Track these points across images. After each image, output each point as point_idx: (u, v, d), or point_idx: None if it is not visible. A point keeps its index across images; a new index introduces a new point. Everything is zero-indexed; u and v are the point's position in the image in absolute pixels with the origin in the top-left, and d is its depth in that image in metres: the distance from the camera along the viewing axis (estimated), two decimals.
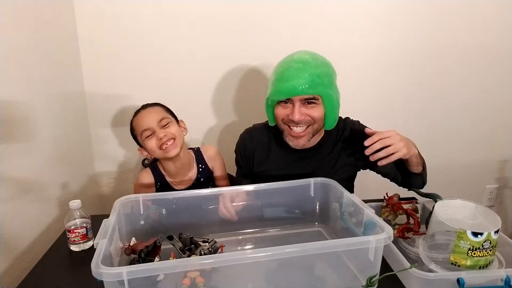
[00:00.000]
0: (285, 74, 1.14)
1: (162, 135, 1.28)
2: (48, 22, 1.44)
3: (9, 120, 1.15)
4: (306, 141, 1.23)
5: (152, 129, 1.29)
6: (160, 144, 1.28)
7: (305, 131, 1.20)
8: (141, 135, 1.31)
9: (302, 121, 1.17)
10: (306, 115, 1.17)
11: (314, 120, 1.19)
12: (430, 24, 1.88)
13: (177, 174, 1.40)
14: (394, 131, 1.09)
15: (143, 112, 1.34)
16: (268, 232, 1.19)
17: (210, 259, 0.83)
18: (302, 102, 1.16)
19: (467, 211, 0.97)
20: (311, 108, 1.17)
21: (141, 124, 1.31)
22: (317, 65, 1.15)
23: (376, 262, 0.86)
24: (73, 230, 1.08)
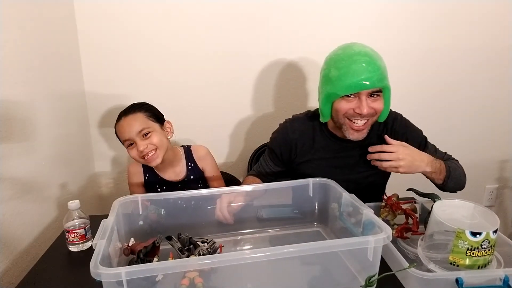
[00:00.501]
0: (353, 69, 1.13)
1: (143, 148, 1.27)
2: (48, 22, 1.44)
3: (9, 120, 1.15)
4: (365, 134, 1.24)
5: (132, 139, 1.28)
6: (141, 155, 1.28)
7: (366, 123, 1.21)
8: (123, 143, 1.32)
9: (368, 113, 1.18)
10: (370, 108, 1.17)
11: (376, 112, 1.20)
12: (430, 24, 1.88)
13: (164, 168, 1.41)
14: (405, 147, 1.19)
15: (124, 121, 1.30)
16: (267, 233, 1.19)
17: (209, 260, 0.83)
18: (368, 95, 1.16)
19: (466, 211, 0.98)
20: (374, 101, 1.18)
21: (122, 134, 1.31)
22: (379, 57, 1.17)
23: (375, 262, 0.86)
24: (72, 230, 1.08)
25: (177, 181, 1.42)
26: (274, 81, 1.88)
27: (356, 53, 1.15)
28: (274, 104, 1.92)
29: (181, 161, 1.44)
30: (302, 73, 1.88)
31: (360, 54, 1.15)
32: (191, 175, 1.43)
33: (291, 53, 1.84)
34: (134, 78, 1.77)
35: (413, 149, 1.20)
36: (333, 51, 1.23)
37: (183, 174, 1.43)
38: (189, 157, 1.45)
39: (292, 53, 1.84)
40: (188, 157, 1.45)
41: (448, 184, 1.26)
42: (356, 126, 1.20)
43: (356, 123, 1.20)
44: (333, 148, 1.33)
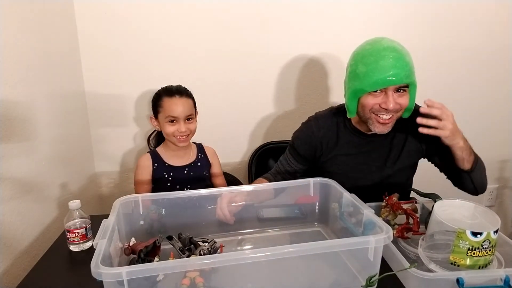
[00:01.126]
0: (381, 64, 1.13)
1: (184, 129, 1.40)
2: (48, 22, 1.44)
3: (9, 120, 1.15)
4: (390, 127, 1.23)
5: (178, 119, 1.39)
6: (177, 135, 1.40)
7: (391, 118, 1.21)
8: (165, 116, 1.40)
9: (394, 109, 1.18)
10: (396, 103, 1.18)
11: (402, 108, 1.20)
12: (430, 24, 1.88)
13: (175, 157, 1.50)
14: (452, 115, 1.13)
15: (177, 99, 1.41)
16: (267, 232, 1.19)
17: (209, 259, 0.83)
18: (394, 90, 1.17)
19: (467, 211, 0.98)
20: (401, 96, 1.18)
21: (171, 109, 1.39)
22: (407, 53, 1.16)
23: (376, 262, 0.86)
24: (73, 230, 1.08)
25: (184, 165, 1.50)
26: (274, 81, 1.88)
27: (384, 48, 1.15)
28: (274, 105, 1.92)
29: (191, 150, 1.55)
30: (302, 73, 1.88)
31: (388, 49, 1.14)
32: (198, 162, 1.54)
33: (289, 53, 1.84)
34: (134, 78, 1.77)
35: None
36: (361, 45, 1.23)
37: (192, 159, 1.53)
38: (200, 149, 1.58)
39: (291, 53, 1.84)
40: (200, 149, 1.58)
41: (475, 172, 1.20)
42: (381, 119, 1.20)
43: (381, 117, 1.20)
44: (358, 143, 1.33)
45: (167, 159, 1.49)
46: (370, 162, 1.33)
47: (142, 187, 1.47)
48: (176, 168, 1.49)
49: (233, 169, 1.95)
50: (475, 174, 1.21)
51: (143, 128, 1.84)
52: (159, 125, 1.45)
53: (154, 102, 1.45)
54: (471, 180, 1.23)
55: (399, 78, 1.12)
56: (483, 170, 1.25)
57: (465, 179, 1.24)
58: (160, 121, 1.43)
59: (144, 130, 1.84)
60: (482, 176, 1.24)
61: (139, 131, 1.85)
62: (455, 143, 1.14)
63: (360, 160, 1.33)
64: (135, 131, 1.85)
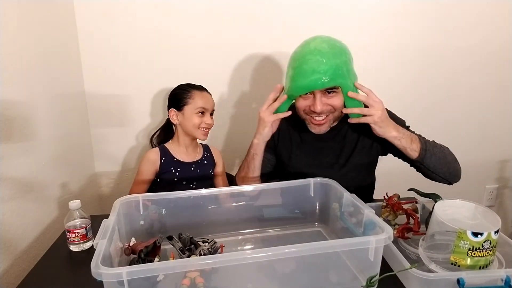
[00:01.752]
0: (304, 69, 1.13)
1: (210, 122, 1.47)
2: (48, 22, 1.44)
3: (9, 120, 1.15)
4: (327, 128, 1.26)
5: (207, 112, 1.45)
6: (204, 127, 1.44)
7: (326, 118, 1.22)
8: (195, 107, 1.43)
9: (324, 111, 1.20)
10: (327, 105, 1.19)
11: (335, 109, 1.21)
12: (430, 23, 1.88)
13: (183, 153, 1.52)
14: (380, 102, 1.14)
15: (206, 94, 1.48)
16: (268, 232, 1.19)
17: (210, 260, 0.83)
18: (323, 92, 1.17)
19: (467, 211, 0.97)
20: (331, 97, 1.19)
21: (204, 102, 1.44)
22: (335, 54, 1.14)
23: (376, 262, 0.86)
24: (73, 230, 1.08)
25: (192, 162, 1.52)
26: (275, 80, 1.87)
27: (309, 51, 1.14)
28: None
29: (199, 148, 1.58)
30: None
31: (313, 53, 1.13)
32: (205, 160, 1.56)
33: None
34: (134, 78, 1.77)
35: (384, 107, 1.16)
36: (297, 46, 1.23)
37: (199, 157, 1.55)
38: (206, 148, 1.60)
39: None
40: (206, 149, 1.60)
41: (427, 159, 1.17)
42: (315, 121, 1.23)
43: (315, 118, 1.22)
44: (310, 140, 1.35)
45: (176, 154, 1.50)
46: (322, 158, 1.35)
47: (142, 183, 1.45)
48: (184, 163, 1.49)
49: (233, 169, 1.95)
50: (428, 161, 1.18)
51: (143, 128, 1.84)
52: (183, 118, 1.45)
53: (179, 95, 1.46)
54: (428, 168, 1.20)
55: (320, 82, 1.12)
56: (443, 156, 1.19)
57: (422, 169, 1.22)
58: (186, 113, 1.44)
59: (144, 130, 1.84)
60: (442, 162, 1.19)
61: (139, 131, 1.85)
62: (387, 132, 1.15)
63: (312, 156, 1.35)
64: (135, 131, 1.85)
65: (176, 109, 1.46)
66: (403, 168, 1.36)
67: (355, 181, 1.33)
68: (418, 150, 1.17)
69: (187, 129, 1.46)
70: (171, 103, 1.48)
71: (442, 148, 1.23)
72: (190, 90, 1.46)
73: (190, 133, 1.47)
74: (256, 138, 1.29)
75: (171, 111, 1.47)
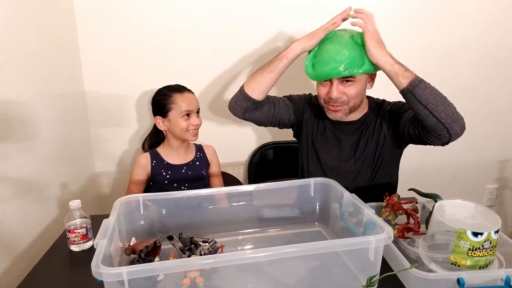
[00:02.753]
0: (324, 58, 1.20)
1: (198, 122, 1.45)
2: (48, 22, 1.44)
3: (9, 120, 1.15)
4: (343, 115, 1.29)
5: (192, 113, 1.44)
6: (192, 128, 1.43)
7: (342, 106, 1.27)
8: (180, 112, 1.42)
9: (340, 99, 1.24)
10: (343, 94, 1.24)
11: (349, 98, 1.25)
12: (429, 23, 1.88)
13: (174, 155, 1.52)
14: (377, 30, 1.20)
15: (188, 94, 1.47)
16: (268, 232, 1.19)
17: (210, 259, 0.83)
18: (340, 80, 1.22)
19: (467, 211, 0.97)
20: (348, 86, 1.23)
21: (187, 104, 1.43)
22: (351, 46, 1.18)
23: (376, 262, 0.86)
24: (73, 230, 1.08)
25: (183, 164, 1.52)
26: None
27: (329, 41, 1.22)
28: None
29: (191, 149, 1.57)
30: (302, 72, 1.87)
31: (332, 42, 1.21)
32: (197, 161, 1.53)
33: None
34: (135, 77, 1.77)
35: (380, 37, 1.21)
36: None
37: (191, 158, 1.55)
38: (199, 149, 1.60)
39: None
40: (199, 149, 1.60)
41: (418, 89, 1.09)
42: (331, 106, 1.28)
43: (332, 105, 1.27)
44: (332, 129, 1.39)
45: (166, 157, 1.51)
46: (340, 150, 1.38)
47: (135, 186, 1.48)
48: (174, 166, 1.50)
49: (233, 169, 1.95)
50: (421, 92, 1.09)
51: (143, 128, 1.84)
52: (169, 123, 1.45)
53: (161, 101, 1.45)
54: (419, 101, 1.09)
55: (336, 71, 1.18)
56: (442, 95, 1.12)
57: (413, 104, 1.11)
58: (171, 118, 1.43)
59: (144, 130, 1.84)
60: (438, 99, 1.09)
61: (139, 131, 1.85)
62: (380, 56, 1.15)
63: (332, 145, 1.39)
64: (135, 131, 1.85)
65: (161, 116, 1.46)
66: (403, 168, 1.36)
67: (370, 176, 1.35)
68: (411, 78, 1.11)
69: (176, 133, 1.46)
70: (155, 111, 1.48)
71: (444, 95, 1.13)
72: (171, 94, 1.44)
73: (179, 137, 1.47)
74: (298, 42, 1.24)
75: (157, 119, 1.47)
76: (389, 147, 1.34)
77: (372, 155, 1.34)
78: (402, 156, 1.41)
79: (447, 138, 1.13)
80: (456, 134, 1.12)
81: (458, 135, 1.13)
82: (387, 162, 1.36)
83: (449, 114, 1.09)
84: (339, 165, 1.37)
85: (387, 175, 1.38)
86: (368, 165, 1.35)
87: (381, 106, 1.37)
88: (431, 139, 1.15)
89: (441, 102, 1.09)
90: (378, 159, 1.35)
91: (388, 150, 1.34)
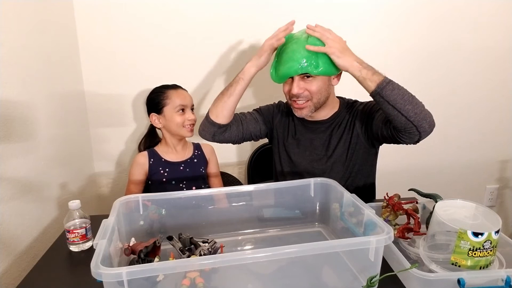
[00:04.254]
0: (283, 59, 1.24)
1: (193, 117, 1.46)
2: (47, 22, 1.44)
3: (9, 120, 1.15)
4: (309, 112, 1.30)
5: (187, 108, 1.45)
6: (187, 124, 1.44)
7: (306, 103, 1.28)
8: (174, 106, 1.43)
9: (301, 94, 1.26)
10: (304, 89, 1.25)
11: (312, 94, 1.26)
12: (430, 24, 1.88)
13: (172, 153, 1.53)
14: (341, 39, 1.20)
15: (181, 91, 1.48)
16: (268, 233, 1.19)
17: (209, 260, 0.83)
18: (301, 77, 1.24)
19: (468, 211, 0.97)
20: (309, 82, 1.25)
21: (181, 99, 1.44)
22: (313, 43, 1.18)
23: (377, 263, 0.85)
24: (73, 230, 1.07)
25: (180, 161, 1.52)
26: None
27: (287, 43, 1.24)
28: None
29: (188, 147, 1.57)
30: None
31: (290, 43, 1.23)
32: (195, 158, 1.54)
33: None
34: (134, 78, 1.77)
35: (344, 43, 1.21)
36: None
37: (188, 155, 1.55)
38: (197, 147, 1.60)
39: None
40: (197, 147, 1.60)
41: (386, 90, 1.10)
42: (296, 104, 1.29)
43: (296, 102, 1.28)
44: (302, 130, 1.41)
45: (164, 155, 1.51)
46: (312, 150, 1.39)
47: (134, 186, 1.48)
48: (172, 163, 1.51)
49: (233, 169, 1.95)
50: (388, 93, 1.10)
51: (143, 128, 1.84)
52: (165, 120, 1.46)
53: (155, 98, 1.46)
54: (388, 102, 1.11)
55: (293, 69, 1.21)
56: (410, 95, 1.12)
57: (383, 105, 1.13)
58: (167, 114, 1.44)
59: (144, 130, 1.84)
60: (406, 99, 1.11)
61: (139, 131, 1.85)
62: (346, 62, 1.16)
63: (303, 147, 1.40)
64: (135, 131, 1.85)
65: (156, 113, 1.47)
66: (403, 168, 1.37)
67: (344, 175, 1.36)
68: (379, 80, 1.13)
69: (172, 129, 1.46)
70: (150, 108, 1.48)
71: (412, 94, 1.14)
72: (164, 91, 1.46)
73: (175, 133, 1.47)
74: (250, 62, 1.28)
75: (152, 116, 1.48)
76: (363, 146, 1.35)
77: (345, 153, 1.35)
78: (403, 156, 1.42)
79: (417, 136, 1.15)
80: (425, 131, 1.14)
81: (428, 132, 1.15)
82: (361, 162, 1.37)
83: (417, 112, 1.12)
84: (312, 165, 1.38)
85: (363, 176, 1.39)
86: (341, 162, 1.36)
87: (353, 106, 1.38)
88: (403, 138, 1.18)
89: (409, 101, 1.12)
90: (352, 157, 1.35)
91: (362, 148, 1.35)
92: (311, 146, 1.39)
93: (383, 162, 1.42)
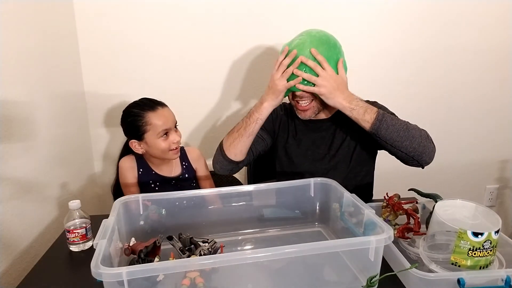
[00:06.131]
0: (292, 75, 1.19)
1: (178, 138, 1.33)
2: (48, 22, 1.44)
3: (9, 120, 1.15)
4: (312, 113, 1.30)
5: (170, 130, 1.32)
6: (173, 147, 1.32)
7: (310, 104, 1.27)
8: (157, 133, 1.29)
9: (305, 95, 1.24)
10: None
11: (314, 95, 1.24)
12: (431, 25, 1.88)
13: (161, 165, 1.43)
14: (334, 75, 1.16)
15: (163, 110, 1.32)
16: (268, 233, 1.19)
17: (209, 260, 0.83)
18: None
19: (468, 211, 0.97)
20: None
21: (163, 122, 1.30)
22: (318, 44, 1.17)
23: (377, 262, 0.86)
24: (73, 230, 1.07)
25: (172, 177, 1.44)
26: None
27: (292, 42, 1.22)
28: None
29: (177, 161, 1.46)
30: None
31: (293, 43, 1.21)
32: (185, 173, 1.47)
33: None
34: (134, 78, 1.77)
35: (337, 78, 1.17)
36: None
37: (177, 172, 1.45)
38: (183, 156, 1.48)
39: None
40: (183, 157, 1.48)
41: (381, 130, 1.13)
42: (300, 106, 1.28)
43: (300, 103, 1.27)
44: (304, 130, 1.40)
45: (154, 167, 1.41)
46: (314, 149, 1.38)
47: (130, 188, 1.39)
48: (164, 178, 1.42)
49: None
50: (384, 133, 1.13)
51: None
52: (147, 146, 1.33)
53: (134, 123, 1.30)
54: (385, 141, 1.14)
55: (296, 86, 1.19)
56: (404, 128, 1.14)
57: (381, 144, 1.17)
58: (149, 141, 1.31)
59: None
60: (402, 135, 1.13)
61: None
62: (336, 104, 1.17)
63: (305, 146, 1.39)
64: None
65: (137, 140, 1.33)
66: (403, 168, 1.36)
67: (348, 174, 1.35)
68: (371, 120, 1.14)
69: (156, 155, 1.35)
70: (130, 135, 1.34)
71: (407, 124, 1.16)
72: (142, 114, 1.29)
73: (160, 157, 1.36)
74: (267, 102, 1.23)
75: (132, 143, 1.33)
76: (368, 146, 1.34)
77: (350, 152, 1.34)
78: None
79: (420, 166, 1.20)
80: (426, 163, 1.19)
81: (428, 163, 1.19)
82: (364, 161, 1.37)
83: (415, 147, 1.14)
84: (314, 165, 1.37)
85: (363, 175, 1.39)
86: (345, 162, 1.35)
87: None
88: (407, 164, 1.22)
89: (405, 137, 1.13)
90: (356, 157, 1.34)
91: (367, 148, 1.35)
92: (313, 145, 1.38)
93: (383, 162, 1.42)
